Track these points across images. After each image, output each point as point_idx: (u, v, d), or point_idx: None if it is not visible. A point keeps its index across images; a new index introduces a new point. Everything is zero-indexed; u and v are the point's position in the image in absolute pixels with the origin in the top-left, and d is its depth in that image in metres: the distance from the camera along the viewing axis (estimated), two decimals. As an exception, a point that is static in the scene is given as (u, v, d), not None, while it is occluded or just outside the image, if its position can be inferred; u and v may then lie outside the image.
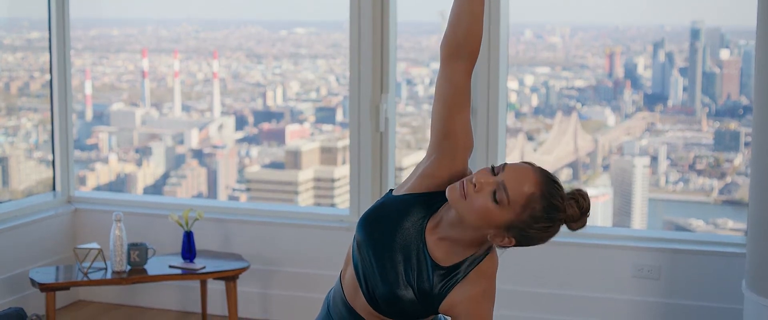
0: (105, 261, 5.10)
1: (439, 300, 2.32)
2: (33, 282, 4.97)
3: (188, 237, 5.22)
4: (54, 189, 6.32)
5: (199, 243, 5.68)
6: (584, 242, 5.19)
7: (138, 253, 5.10)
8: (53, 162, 6.31)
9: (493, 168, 2.25)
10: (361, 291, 2.40)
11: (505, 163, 2.26)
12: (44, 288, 4.90)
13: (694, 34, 8.37)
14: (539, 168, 2.27)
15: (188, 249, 5.22)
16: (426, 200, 2.38)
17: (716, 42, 8.41)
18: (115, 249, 5.03)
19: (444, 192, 2.31)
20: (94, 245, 5.09)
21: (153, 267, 5.17)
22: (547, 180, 2.24)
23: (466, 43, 2.30)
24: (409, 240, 2.35)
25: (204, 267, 5.15)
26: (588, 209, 2.32)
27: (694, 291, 5.12)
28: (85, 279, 4.99)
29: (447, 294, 2.31)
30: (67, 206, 6.17)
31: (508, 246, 2.31)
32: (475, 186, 2.20)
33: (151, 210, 6.03)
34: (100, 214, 6.03)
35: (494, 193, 2.19)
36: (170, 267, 5.16)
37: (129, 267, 5.10)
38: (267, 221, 5.81)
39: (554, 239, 4.97)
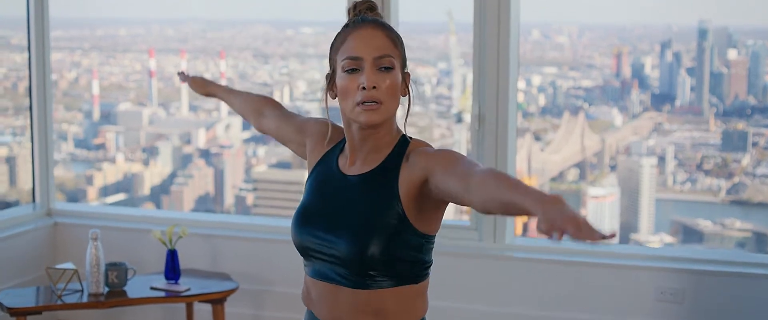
0: (81, 282, 4.66)
1: (398, 192, 2.23)
2: (1, 306, 4.50)
3: (172, 255, 4.80)
4: (34, 200, 5.79)
5: (186, 262, 5.25)
6: (602, 262, 4.79)
7: (117, 274, 4.66)
8: (33, 171, 5.79)
9: (351, 69, 2.25)
10: (342, 285, 2.27)
11: (356, 58, 2.25)
12: (13, 312, 4.44)
13: (702, 33, 8.36)
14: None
15: (172, 269, 4.79)
16: (321, 161, 2.46)
17: (724, 42, 8.40)
18: (92, 269, 4.57)
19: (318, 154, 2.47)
20: (69, 265, 4.66)
21: (133, 288, 4.72)
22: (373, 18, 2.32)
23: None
24: (337, 192, 2.34)
25: (188, 289, 4.71)
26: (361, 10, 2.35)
27: (721, 316, 4.65)
28: (60, 302, 4.53)
29: (398, 180, 2.24)
30: (47, 219, 5.66)
31: (408, 81, 2.31)
32: (374, 88, 2.22)
33: (135, 224, 5.59)
34: (82, 229, 5.49)
35: (383, 69, 2.23)
36: (152, 288, 4.71)
37: (107, 289, 4.66)
38: (258, 237, 5.36)
39: (570, 258, 4.76)
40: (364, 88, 2.20)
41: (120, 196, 9.65)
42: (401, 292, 2.26)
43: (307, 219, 2.33)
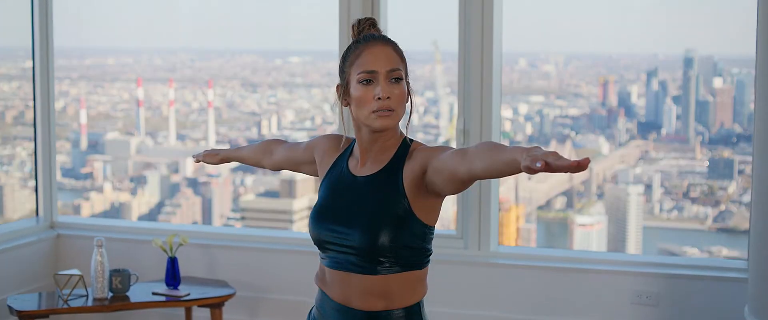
0: (86, 287, 4.96)
1: (403, 187, 2.54)
2: (11, 310, 4.83)
3: (172, 263, 5.12)
4: (37, 214, 6.15)
5: (185, 270, 5.58)
6: (580, 267, 5.13)
7: (120, 280, 4.97)
8: (36, 187, 6.15)
9: (366, 80, 2.56)
10: (355, 272, 2.58)
11: (374, 70, 2.57)
12: (23, 315, 4.77)
13: (688, 62, 8.41)
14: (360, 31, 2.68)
15: (172, 276, 5.13)
16: (334, 164, 2.77)
17: (709, 70, 8.45)
18: (97, 275, 4.90)
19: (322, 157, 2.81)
20: (75, 271, 4.97)
21: (136, 294, 5.03)
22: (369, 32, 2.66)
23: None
24: (349, 191, 2.65)
25: (188, 294, 5.04)
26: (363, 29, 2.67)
27: (694, 318, 5.02)
28: (65, 306, 4.86)
29: (403, 173, 2.56)
30: (50, 232, 6.02)
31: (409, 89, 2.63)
32: (389, 98, 2.54)
33: (135, 235, 5.89)
34: (84, 240, 5.86)
35: (393, 80, 2.56)
36: (153, 294, 5.04)
37: (111, 294, 4.97)
38: (254, 246, 5.70)
39: (548, 264, 5.07)
40: (379, 98, 2.53)
41: (107, 226, 9.61)
42: (406, 277, 2.58)
43: (324, 215, 2.65)
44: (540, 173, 1.97)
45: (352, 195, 2.63)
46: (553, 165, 1.93)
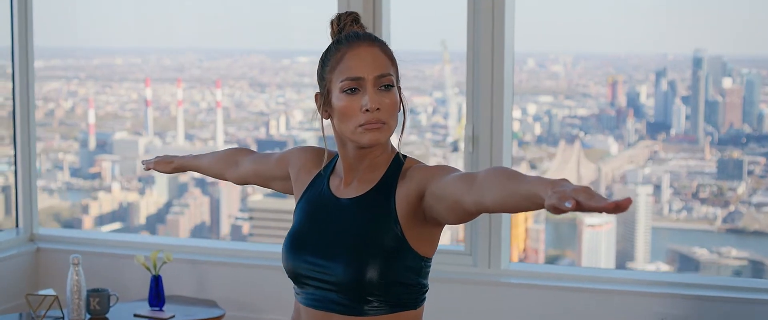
0: (62, 309, 4.53)
1: (395, 212, 2.17)
2: None
3: (156, 281, 4.67)
4: (17, 225, 5.60)
5: (171, 288, 5.10)
6: (600, 288, 4.59)
7: (98, 301, 4.52)
8: (16, 196, 5.62)
9: (351, 89, 2.19)
10: (337, 312, 2.19)
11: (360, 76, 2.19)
12: None
13: (697, 62, 8.38)
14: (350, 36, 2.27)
15: (156, 295, 4.67)
16: (310, 185, 2.38)
17: (718, 70, 8.42)
18: (73, 295, 4.45)
19: (302, 180, 2.40)
20: (50, 291, 4.54)
21: (116, 315, 4.59)
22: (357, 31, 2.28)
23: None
24: (331, 215, 2.26)
25: (173, 317, 4.60)
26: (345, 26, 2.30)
27: None
28: None
29: (395, 195, 2.18)
30: (30, 245, 5.52)
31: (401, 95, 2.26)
32: (378, 109, 2.16)
33: (119, 249, 5.41)
34: (65, 254, 5.28)
35: (383, 88, 2.18)
36: (135, 316, 4.60)
37: (88, 316, 4.53)
38: (246, 263, 5.17)
39: (565, 283, 4.60)
40: (367, 110, 2.14)
41: (115, 225, 9.63)
42: (397, 319, 2.17)
43: (300, 244, 2.25)
44: (548, 173, 1.77)
45: (333, 221, 2.22)
46: (585, 205, 1.60)
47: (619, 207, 1.56)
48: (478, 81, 4.69)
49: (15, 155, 5.62)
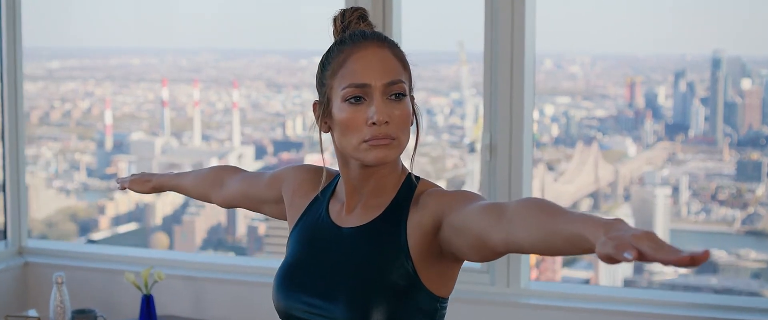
0: None
1: (407, 245, 1.84)
2: None
3: (147, 301, 4.32)
4: (5, 237, 5.24)
5: (165, 307, 4.76)
6: (630, 310, 4.23)
7: None
8: (5, 204, 5.22)
9: (355, 98, 1.85)
10: None
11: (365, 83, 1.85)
12: None
13: (716, 63, 8.33)
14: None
15: (147, 316, 4.32)
16: (305, 213, 2.06)
17: (738, 71, 8.37)
18: (56, 317, 4.15)
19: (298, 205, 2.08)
20: (33, 312, 4.29)
21: None
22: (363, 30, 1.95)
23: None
24: (330, 247, 1.94)
25: None
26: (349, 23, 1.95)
27: None
28: None
29: (407, 224, 1.85)
30: (18, 259, 5.14)
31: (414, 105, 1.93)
32: (387, 123, 1.83)
33: (112, 264, 5.07)
34: (56, 269, 4.95)
35: (393, 97, 1.85)
36: None
37: None
38: (245, 280, 4.78)
39: (591, 304, 4.30)
40: (373, 123, 1.82)
41: (132, 226, 9.64)
42: None
43: (294, 280, 1.92)
44: (566, 174, 1.48)
45: (333, 254, 1.90)
46: (649, 256, 1.27)
47: (694, 261, 1.27)
48: (496, 83, 4.48)
49: (3, 162, 5.23)
